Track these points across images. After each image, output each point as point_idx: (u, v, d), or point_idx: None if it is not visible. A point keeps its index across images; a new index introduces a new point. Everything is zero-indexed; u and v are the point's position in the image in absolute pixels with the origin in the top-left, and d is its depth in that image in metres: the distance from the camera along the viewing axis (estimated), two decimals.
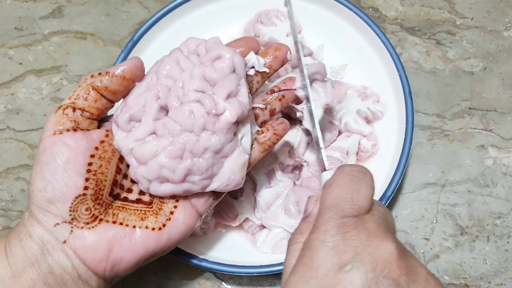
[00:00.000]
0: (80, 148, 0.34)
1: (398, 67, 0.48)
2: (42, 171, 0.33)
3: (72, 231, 0.33)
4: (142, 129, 0.35)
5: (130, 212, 0.36)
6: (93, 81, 0.36)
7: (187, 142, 0.34)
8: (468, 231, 0.48)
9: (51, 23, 0.57)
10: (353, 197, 0.30)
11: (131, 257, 0.34)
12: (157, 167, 0.35)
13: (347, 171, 0.32)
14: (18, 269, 0.32)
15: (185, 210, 0.37)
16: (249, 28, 0.53)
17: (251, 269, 0.43)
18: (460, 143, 0.51)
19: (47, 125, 0.35)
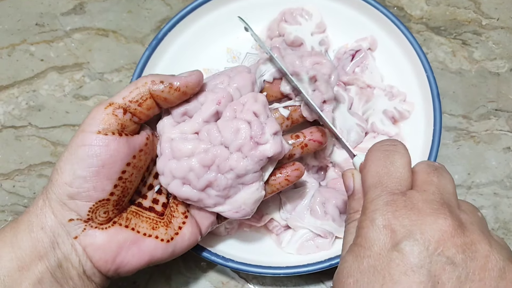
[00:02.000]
0: (119, 155, 0.33)
1: (426, 68, 0.47)
2: (73, 165, 0.32)
3: (85, 229, 0.33)
4: (190, 125, 0.36)
5: (143, 219, 0.36)
6: (154, 89, 0.34)
7: (218, 155, 0.35)
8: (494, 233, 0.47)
9: (73, 19, 0.57)
10: (389, 170, 0.30)
11: (136, 263, 0.35)
12: (186, 168, 0.35)
13: (377, 147, 0.32)
14: (26, 262, 0.31)
15: (192, 228, 0.38)
16: (273, 27, 0.52)
17: (277, 270, 0.43)
18: (486, 145, 0.50)
19: (93, 118, 0.33)
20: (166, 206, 0.38)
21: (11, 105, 0.53)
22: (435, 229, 0.26)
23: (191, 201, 0.37)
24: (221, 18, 0.53)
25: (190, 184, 0.36)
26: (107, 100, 0.34)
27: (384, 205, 0.28)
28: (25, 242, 0.32)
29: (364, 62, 0.50)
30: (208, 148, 0.35)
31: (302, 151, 0.41)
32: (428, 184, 0.29)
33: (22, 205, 0.49)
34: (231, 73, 0.38)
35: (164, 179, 0.36)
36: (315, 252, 0.44)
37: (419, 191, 0.29)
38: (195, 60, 0.52)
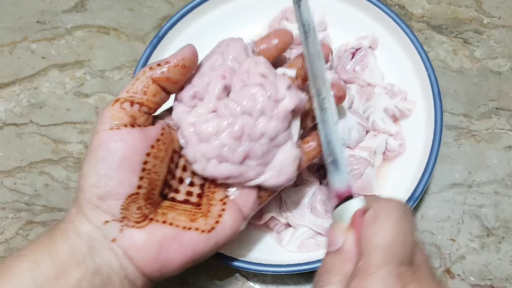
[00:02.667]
0: (137, 145, 0.33)
1: (427, 66, 0.47)
2: (96, 167, 0.32)
3: (122, 229, 0.32)
4: (204, 106, 0.35)
5: (179, 212, 0.35)
6: (153, 73, 0.34)
7: (246, 124, 0.34)
8: (494, 232, 0.47)
9: (74, 17, 0.57)
10: (405, 240, 0.27)
11: (180, 258, 0.34)
12: (218, 145, 0.34)
13: (393, 206, 0.29)
14: (64, 269, 0.31)
15: (233, 213, 0.36)
16: (274, 24, 0.52)
17: (278, 268, 0.43)
18: (487, 144, 0.50)
19: (103, 118, 0.33)
20: (202, 197, 0.37)
21: (12, 103, 0.53)
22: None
23: (233, 178, 0.36)
24: (222, 16, 0.53)
25: (227, 160, 0.35)
26: (113, 99, 0.34)
27: (394, 275, 0.26)
28: (62, 249, 0.31)
29: (364, 61, 0.50)
30: (233, 120, 0.34)
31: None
32: (422, 257, 0.29)
33: (23, 202, 0.49)
34: (220, 49, 0.38)
35: (198, 166, 0.35)
36: (316, 250, 0.45)
37: (420, 264, 0.28)
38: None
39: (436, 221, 0.48)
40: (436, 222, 0.48)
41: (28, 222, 0.49)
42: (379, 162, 0.47)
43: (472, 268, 0.46)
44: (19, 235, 0.48)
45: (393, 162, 0.48)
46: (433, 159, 0.45)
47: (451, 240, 0.47)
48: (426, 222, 0.48)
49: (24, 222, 0.49)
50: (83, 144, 0.51)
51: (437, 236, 0.47)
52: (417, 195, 0.44)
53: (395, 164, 0.47)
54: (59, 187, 0.50)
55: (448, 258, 0.47)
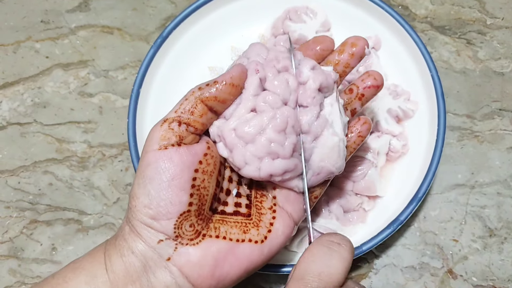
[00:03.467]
0: (185, 163, 0.33)
1: (430, 67, 0.47)
2: (146, 187, 0.32)
3: (176, 248, 0.32)
4: (242, 106, 0.35)
5: (231, 225, 0.35)
6: (202, 93, 0.34)
7: (288, 116, 0.34)
8: (497, 233, 0.47)
9: (78, 17, 0.57)
10: (321, 272, 0.30)
11: (236, 271, 0.34)
12: (266, 142, 0.34)
13: (323, 241, 0.32)
14: (119, 285, 0.31)
15: (283, 220, 0.36)
16: (277, 25, 0.52)
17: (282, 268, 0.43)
18: (490, 145, 0.50)
19: (152, 138, 0.33)
20: (251, 207, 0.36)
21: (16, 102, 0.53)
22: None
23: (289, 172, 0.35)
24: (225, 16, 0.53)
25: (278, 155, 0.34)
26: (161, 119, 0.34)
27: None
28: (118, 266, 0.32)
29: (367, 61, 0.50)
30: (274, 113, 0.34)
31: (361, 102, 0.40)
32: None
33: (27, 202, 0.49)
34: (244, 54, 0.37)
35: (251, 169, 0.35)
36: None
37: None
38: (199, 58, 0.52)
39: (438, 222, 0.48)
40: (438, 222, 0.48)
41: (32, 221, 0.49)
42: (382, 163, 0.47)
43: (475, 268, 0.46)
44: (23, 234, 0.48)
45: (396, 163, 0.48)
46: (436, 160, 0.45)
47: (454, 240, 0.47)
48: (429, 223, 0.48)
49: (28, 221, 0.49)
50: (87, 144, 0.51)
51: (439, 237, 0.47)
52: (420, 195, 0.44)
53: (398, 164, 0.48)
54: (63, 186, 0.50)
55: (451, 258, 0.47)
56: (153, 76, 0.49)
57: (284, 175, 0.35)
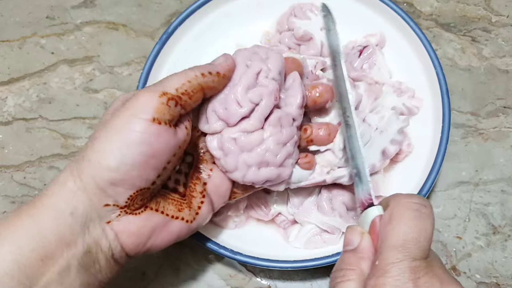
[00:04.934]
0: (169, 146, 0.32)
1: (435, 64, 0.47)
2: (122, 151, 0.30)
3: (119, 215, 0.32)
4: (251, 124, 0.36)
5: (169, 201, 0.36)
6: (206, 81, 0.34)
7: (294, 133, 0.38)
8: (500, 230, 0.48)
9: (83, 13, 0.57)
10: (420, 237, 0.28)
11: (163, 244, 0.35)
12: (262, 152, 0.37)
13: (407, 204, 0.29)
14: (51, 250, 0.29)
15: (208, 207, 0.38)
16: (282, 21, 0.52)
17: (284, 264, 0.43)
18: (494, 142, 0.50)
19: (145, 105, 0.31)
20: (186, 187, 0.38)
21: (22, 97, 0.53)
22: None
23: (270, 182, 0.38)
24: (230, 13, 0.53)
25: (268, 164, 0.37)
26: (157, 88, 0.33)
27: (407, 271, 0.27)
28: (50, 230, 0.30)
29: (372, 58, 0.50)
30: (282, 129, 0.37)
31: (308, 144, 0.42)
32: (434, 255, 0.29)
33: (33, 196, 0.50)
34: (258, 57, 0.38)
35: (239, 173, 0.37)
36: (322, 247, 0.45)
37: (433, 257, 0.29)
38: (204, 54, 0.52)
39: (442, 219, 0.48)
40: (442, 219, 0.48)
41: None
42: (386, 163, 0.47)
43: (478, 265, 0.46)
44: None
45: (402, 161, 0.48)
46: (440, 157, 0.45)
47: (457, 237, 0.47)
48: None
49: None
50: None
51: (443, 234, 0.47)
52: (424, 193, 0.44)
53: (402, 161, 0.48)
54: None
55: (454, 255, 0.47)
56: (158, 73, 0.49)
57: (265, 183, 0.38)
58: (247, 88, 0.36)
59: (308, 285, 0.46)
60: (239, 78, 0.37)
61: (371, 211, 0.32)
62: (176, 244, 0.47)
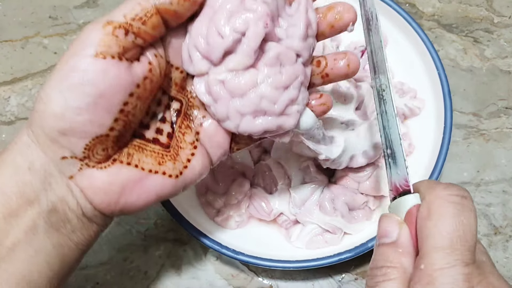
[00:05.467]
0: (121, 83, 0.28)
1: (437, 65, 0.47)
2: (64, 94, 0.26)
3: (81, 168, 0.29)
4: (238, 62, 0.30)
5: (146, 153, 0.31)
6: (160, 3, 0.28)
7: (299, 72, 0.31)
8: (502, 231, 0.48)
9: (86, 13, 0.57)
10: (465, 233, 0.25)
11: (142, 202, 0.31)
12: (256, 99, 0.30)
13: (446, 196, 0.26)
14: (13, 208, 0.27)
15: (202, 158, 0.33)
16: None
17: (286, 264, 0.43)
18: (496, 143, 0.50)
19: (87, 39, 0.27)
20: (171, 138, 0.33)
21: (24, 97, 0.54)
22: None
23: (269, 133, 0.32)
24: None
25: (264, 113, 0.31)
26: (103, 18, 0.28)
27: (460, 280, 0.24)
28: (10, 187, 0.27)
29: None
30: (281, 69, 0.30)
31: (323, 80, 0.35)
32: (481, 252, 0.26)
33: None
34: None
35: (231, 123, 0.31)
36: (324, 247, 0.45)
37: (483, 262, 0.26)
38: None
39: None
40: None
41: None
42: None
43: None
44: None
45: None
46: (442, 158, 0.45)
47: None
48: None
49: None
50: None
51: None
52: None
53: None
54: None
55: None
56: None
57: (264, 134, 0.32)
58: (229, 15, 0.29)
59: (310, 285, 0.46)
60: (220, 1, 0.30)
61: (408, 199, 0.28)
62: (178, 244, 0.47)
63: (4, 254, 0.27)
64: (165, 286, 0.46)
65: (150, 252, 0.47)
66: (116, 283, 0.46)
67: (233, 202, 0.45)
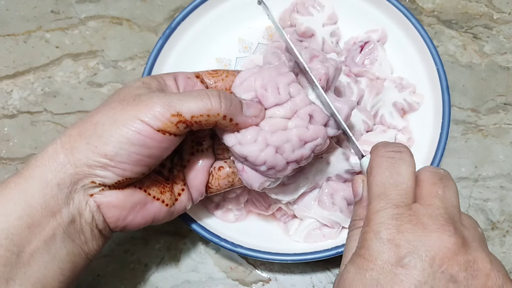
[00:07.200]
0: (167, 150, 0.34)
1: (436, 61, 0.48)
2: (121, 144, 0.32)
3: (103, 189, 0.33)
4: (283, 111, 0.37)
5: (153, 181, 0.37)
6: (222, 123, 0.35)
7: (319, 133, 0.37)
8: (499, 226, 0.48)
9: (87, 7, 0.57)
10: (396, 180, 0.30)
11: (141, 223, 0.36)
12: (284, 138, 0.36)
13: (382, 152, 0.32)
14: (37, 219, 0.31)
15: (187, 195, 0.39)
16: (285, 17, 0.53)
17: (285, 257, 0.44)
18: (494, 138, 0.51)
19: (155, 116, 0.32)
20: (170, 172, 0.39)
21: (26, 91, 0.54)
22: (440, 246, 0.27)
23: (276, 169, 0.37)
24: (233, 8, 0.53)
25: (282, 154, 0.37)
26: (174, 104, 0.33)
27: (389, 218, 0.28)
28: (37, 199, 0.31)
29: (373, 54, 0.50)
30: (308, 125, 0.37)
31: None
32: (433, 197, 0.29)
33: None
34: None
35: (255, 147, 0.36)
36: (322, 241, 0.45)
37: (424, 205, 0.29)
38: (207, 49, 0.53)
39: None
40: None
41: None
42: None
43: None
44: None
45: None
46: (440, 153, 0.45)
47: None
48: None
49: None
50: None
51: None
52: None
53: None
54: None
55: None
56: (161, 67, 0.50)
57: (271, 167, 0.37)
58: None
59: (308, 278, 0.47)
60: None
61: (364, 161, 0.34)
62: (178, 237, 0.48)
63: (25, 259, 0.30)
64: (165, 278, 0.47)
65: (151, 244, 0.48)
66: (117, 275, 0.47)
67: (231, 195, 0.46)
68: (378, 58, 0.50)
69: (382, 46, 0.51)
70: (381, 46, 0.51)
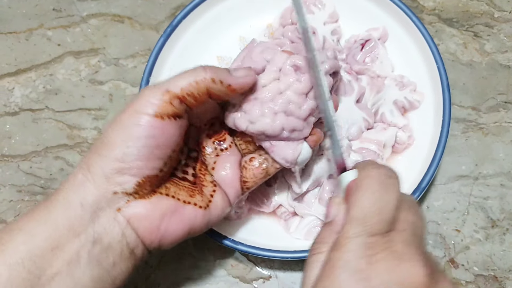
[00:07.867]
0: (173, 138, 0.34)
1: (437, 59, 0.48)
2: (128, 143, 0.32)
3: (128, 200, 0.33)
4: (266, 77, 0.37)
5: (180, 187, 0.36)
6: (212, 87, 0.34)
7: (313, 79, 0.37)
8: (499, 224, 0.48)
9: (89, 5, 0.57)
10: (381, 211, 0.27)
11: (178, 230, 0.35)
12: (286, 101, 0.37)
13: (374, 175, 0.29)
14: (61, 241, 0.31)
15: (222, 196, 0.38)
16: (286, 15, 0.53)
17: (285, 254, 0.44)
18: (495, 137, 0.51)
19: (148, 101, 0.33)
20: (195, 177, 0.39)
21: (28, 88, 0.54)
22: (412, 278, 0.25)
23: (297, 129, 0.37)
24: (234, 7, 0.53)
25: (293, 115, 0.37)
26: (163, 85, 0.33)
27: (362, 247, 0.26)
28: (60, 220, 0.31)
29: (374, 52, 0.51)
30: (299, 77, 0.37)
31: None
32: (406, 223, 0.28)
33: (39, 186, 0.51)
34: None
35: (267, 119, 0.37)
36: None
37: (397, 231, 0.27)
38: (208, 47, 0.53)
39: (441, 212, 0.48)
40: (441, 212, 0.48)
41: None
42: (388, 155, 0.48)
43: (476, 258, 0.47)
44: None
45: (401, 154, 0.48)
46: (440, 151, 0.45)
47: (456, 230, 0.48)
48: (432, 213, 0.48)
49: None
50: (97, 130, 0.52)
51: (442, 227, 0.48)
52: (424, 186, 0.44)
53: (402, 155, 0.48)
54: None
55: (453, 248, 0.47)
56: (162, 65, 0.50)
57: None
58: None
59: None
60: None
61: (345, 176, 0.31)
62: None
63: (45, 282, 0.30)
64: (166, 275, 0.47)
65: None
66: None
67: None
68: (379, 56, 0.50)
69: (383, 44, 0.52)
70: (382, 44, 0.51)
